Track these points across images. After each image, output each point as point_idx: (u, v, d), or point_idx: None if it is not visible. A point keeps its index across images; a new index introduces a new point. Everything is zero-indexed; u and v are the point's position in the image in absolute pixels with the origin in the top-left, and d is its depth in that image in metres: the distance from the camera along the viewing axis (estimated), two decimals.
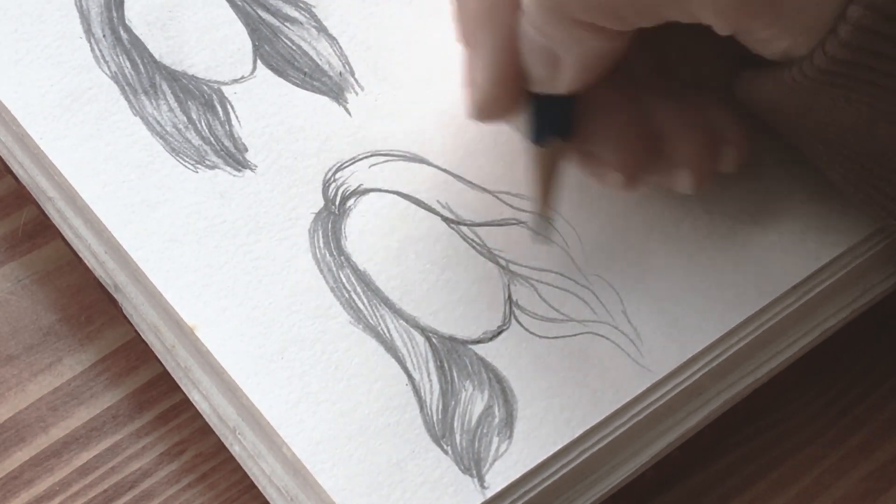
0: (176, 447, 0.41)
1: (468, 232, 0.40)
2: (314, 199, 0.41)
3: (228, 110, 0.42)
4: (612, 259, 0.40)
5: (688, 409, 0.39)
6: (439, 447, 0.36)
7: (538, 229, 0.40)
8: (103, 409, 0.42)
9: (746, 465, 0.42)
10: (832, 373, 0.44)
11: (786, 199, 0.41)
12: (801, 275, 0.40)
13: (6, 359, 0.43)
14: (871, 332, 0.44)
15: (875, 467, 0.42)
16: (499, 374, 0.38)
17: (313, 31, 0.44)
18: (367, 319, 0.38)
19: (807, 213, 0.41)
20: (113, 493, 0.41)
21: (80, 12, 0.44)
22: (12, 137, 0.43)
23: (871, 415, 0.43)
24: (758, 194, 0.41)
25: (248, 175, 0.41)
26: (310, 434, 0.36)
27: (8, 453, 0.41)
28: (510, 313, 0.39)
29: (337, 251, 0.40)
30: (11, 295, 0.44)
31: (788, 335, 0.41)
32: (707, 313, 0.39)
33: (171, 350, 0.40)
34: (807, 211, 0.41)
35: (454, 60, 0.44)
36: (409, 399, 0.37)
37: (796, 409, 0.43)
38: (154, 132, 0.42)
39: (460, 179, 0.42)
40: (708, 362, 0.39)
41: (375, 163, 0.42)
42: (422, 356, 0.38)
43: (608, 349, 0.38)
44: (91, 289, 0.44)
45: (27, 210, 0.46)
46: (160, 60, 0.43)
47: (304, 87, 0.43)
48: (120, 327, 0.43)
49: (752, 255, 0.40)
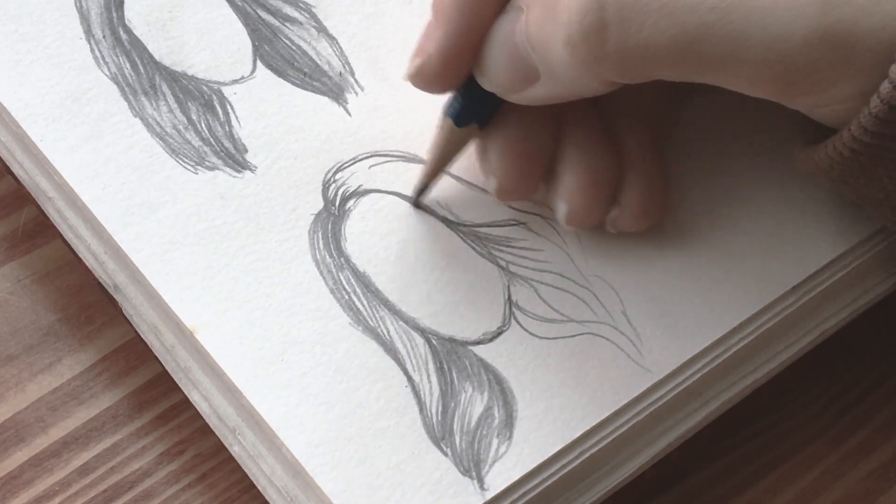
0: (176, 447, 0.42)
1: (468, 232, 0.40)
2: (314, 200, 0.41)
3: (228, 111, 0.42)
4: (612, 260, 0.40)
5: (688, 410, 0.39)
6: (439, 449, 0.36)
7: (414, 194, 0.40)
8: (103, 409, 0.42)
9: (746, 465, 0.42)
10: (832, 373, 0.44)
11: (785, 201, 0.41)
12: (801, 275, 0.40)
13: (6, 359, 0.43)
14: (871, 332, 0.44)
15: (875, 467, 0.42)
16: (498, 375, 0.38)
17: (313, 32, 0.44)
18: (367, 321, 0.38)
19: (806, 214, 0.41)
20: (113, 493, 0.41)
21: (80, 13, 0.44)
22: (12, 137, 0.43)
23: (871, 415, 0.43)
24: (757, 195, 0.41)
25: (247, 176, 0.41)
26: (309, 436, 0.36)
27: (8, 453, 0.41)
28: (510, 314, 0.39)
29: (337, 252, 0.40)
30: (11, 295, 0.44)
31: (788, 335, 0.41)
32: (707, 314, 0.39)
33: (171, 350, 0.40)
34: (806, 212, 0.41)
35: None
36: (409, 400, 0.37)
37: (796, 409, 0.43)
38: (154, 133, 0.42)
39: (460, 179, 0.41)
40: (708, 363, 0.39)
41: (375, 163, 0.42)
42: (421, 357, 0.38)
43: (608, 350, 0.38)
44: (91, 289, 0.44)
45: (27, 210, 0.46)
46: (160, 61, 0.43)
47: (304, 87, 0.43)
48: (120, 327, 0.43)
49: (751, 255, 0.40)
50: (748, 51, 0.33)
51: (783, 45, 0.33)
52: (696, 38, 0.33)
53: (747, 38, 0.33)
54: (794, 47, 0.33)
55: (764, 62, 0.33)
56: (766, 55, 0.33)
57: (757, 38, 0.33)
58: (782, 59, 0.33)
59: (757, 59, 0.33)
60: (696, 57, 0.34)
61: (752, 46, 0.33)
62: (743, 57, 0.33)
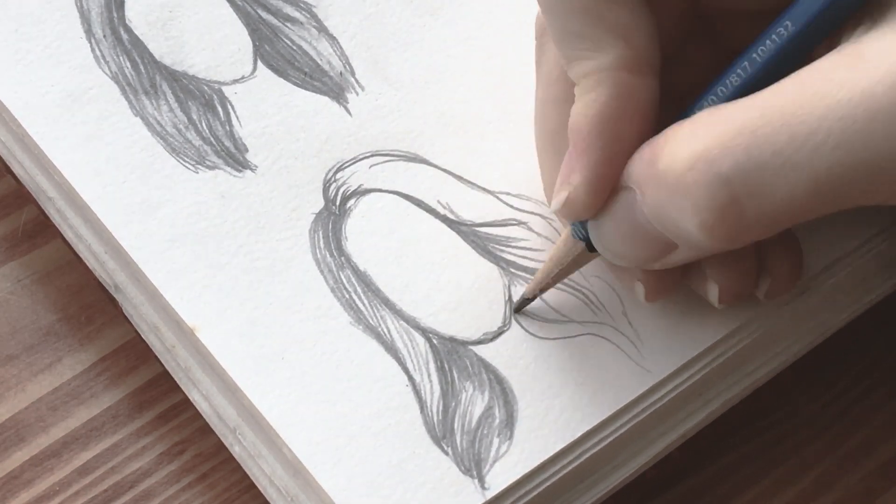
0: (176, 447, 0.41)
1: (468, 232, 0.40)
2: (314, 199, 0.41)
3: (229, 110, 0.42)
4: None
5: (688, 410, 0.39)
6: (440, 448, 0.36)
7: (519, 303, 0.39)
8: (103, 409, 0.42)
9: (746, 465, 0.42)
10: (832, 373, 0.44)
11: None
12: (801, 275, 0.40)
13: (6, 359, 0.43)
14: (871, 332, 0.44)
15: (875, 467, 0.42)
16: (499, 375, 0.38)
17: (314, 31, 0.44)
18: (368, 320, 0.38)
19: None
20: (113, 493, 0.40)
21: (81, 12, 0.44)
22: (12, 137, 0.43)
23: (871, 415, 0.43)
24: None
25: (248, 175, 0.41)
26: (310, 435, 0.36)
27: (8, 453, 0.41)
28: (510, 314, 0.39)
29: (337, 252, 0.40)
30: (11, 295, 0.44)
31: (788, 336, 0.41)
32: (707, 314, 0.39)
33: (172, 350, 0.40)
34: None
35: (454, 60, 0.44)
36: (410, 400, 0.37)
37: (796, 409, 0.43)
38: (154, 132, 0.42)
39: (460, 179, 0.42)
40: (708, 363, 0.39)
41: (376, 163, 0.42)
42: (422, 357, 0.38)
43: (608, 350, 0.38)
44: (91, 289, 0.44)
45: (27, 210, 0.46)
46: (160, 60, 0.43)
47: (304, 87, 0.43)
48: (120, 327, 0.43)
49: None
50: (885, 173, 0.31)
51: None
52: (831, 178, 0.31)
53: (880, 163, 0.31)
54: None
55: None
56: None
57: (889, 158, 0.31)
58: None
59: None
60: (834, 194, 0.32)
61: (887, 166, 0.31)
62: (880, 180, 0.31)
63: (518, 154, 0.42)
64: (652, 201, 0.34)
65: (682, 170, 0.32)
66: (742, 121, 0.32)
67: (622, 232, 0.35)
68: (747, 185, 0.32)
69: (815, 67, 0.32)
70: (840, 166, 0.31)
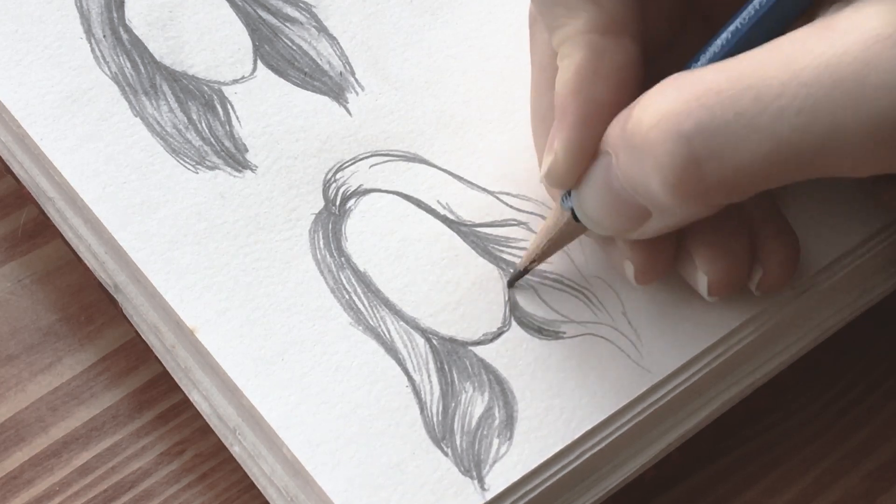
0: (176, 447, 0.42)
1: (468, 232, 0.40)
2: (314, 199, 0.41)
3: (229, 110, 0.42)
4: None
5: (688, 410, 0.39)
6: (439, 449, 0.36)
7: (513, 276, 0.39)
8: (103, 409, 0.42)
9: (746, 465, 0.42)
10: (832, 373, 0.44)
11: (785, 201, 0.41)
12: (801, 275, 0.40)
13: (6, 359, 0.43)
14: (871, 332, 0.44)
15: (875, 467, 0.42)
16: (499, 375, 0.38)
17: (314, 31, 0.44)
18: (368, 321, 0.38)
19: (807, 215, 0.41)
20: (113, 493, 0.41)
21: (81, 13, 0.44)
22: (12, 137, 0.43)
23: (871, 415, 0.43)
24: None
25: (248, 176, 0.41)
26: (310, 435, 0.36)
27: (8, 453, 0.41)
28: (510, 315, 0.39)
29: (337, 252, 0.40)
30: (11, 295, 0.44)
31: (788, 336, 0.41)
32: (706, 314, 0.39)
33: (171, 350, 0.40)
34: (807, 212, 0.41)
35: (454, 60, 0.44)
36: (410, 400, 0.37)
37: (796, 409, 0.43)
38: (154, 133, 0.42)
39: (460, 179, 0.41)
40: (708, 363, 0.39)
41: (376, 163, 0.42)
42: (422, 357, 0.38)
43: (608, 350, 0.38)
44: (91, 289, 0.44)
45: (27, 210, 0.46)
46: (160, 61, 0.43)
47: (304, 87, 0.43)
48: (120, 327, 0.43)
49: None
50: (847, 142, 0.31)
51: (883, 129, 0.31)
52: (792, 143, 0.31)
53: (842, 133, 0.31)
54: (893, 124, 0.31)
55: (864, 146, 0.31)
56: (865, 141, 0.31)
57: (851, 128, 0.31)
58: (886, 140, 0.31)
59: (857, 145, 0.31)
60: (797, 159, 0.32)
61: (849, 136, 0.31)
62: (842, 149, 0.31)
63: (518, 154, 0.42)
64: (623, 163, 0.34)
65: (647, 129, 0.33)
66: (708, 82, 0.32)
67: (600, 197, 0.35)
68: (708, 145, 0.32)
69: (787, 37, 0.32)
70: (802, 132, 0.31)
